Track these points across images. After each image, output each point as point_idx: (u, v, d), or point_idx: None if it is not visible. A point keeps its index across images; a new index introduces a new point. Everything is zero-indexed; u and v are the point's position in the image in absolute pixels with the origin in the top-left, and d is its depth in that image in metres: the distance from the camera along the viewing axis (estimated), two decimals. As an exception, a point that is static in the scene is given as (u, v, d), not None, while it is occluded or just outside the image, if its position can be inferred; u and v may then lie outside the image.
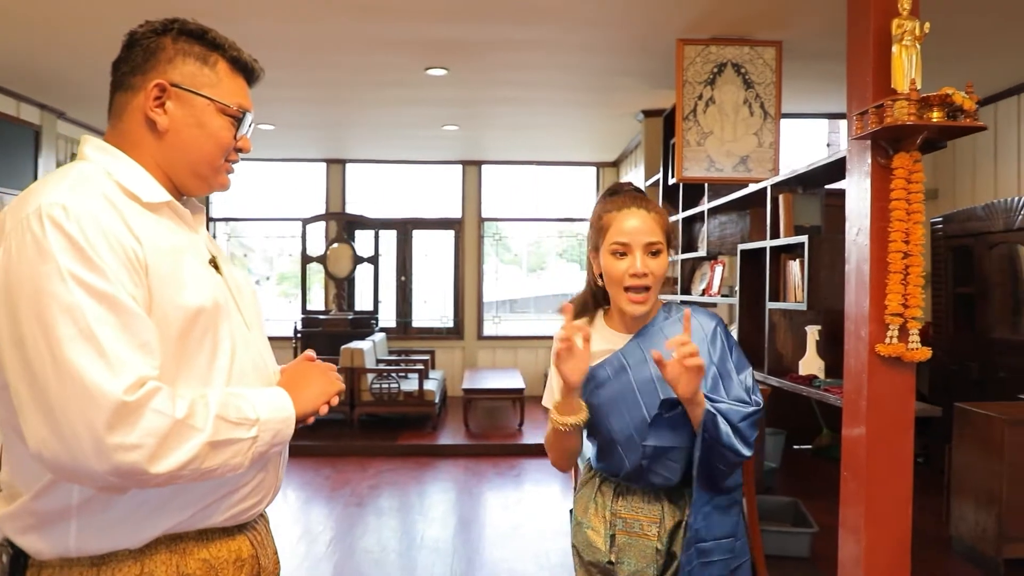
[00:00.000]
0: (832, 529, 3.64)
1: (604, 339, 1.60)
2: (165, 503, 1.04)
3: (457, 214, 8.30)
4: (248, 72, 1.21)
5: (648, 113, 5.91)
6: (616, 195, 1.61)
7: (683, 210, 4.89)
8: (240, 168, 1.26)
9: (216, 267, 1.18)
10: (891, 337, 2.27)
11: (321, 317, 7.52)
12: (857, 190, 2.40)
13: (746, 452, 1.46)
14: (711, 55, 4.14)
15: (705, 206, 4.34)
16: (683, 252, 4.88)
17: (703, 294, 4.39)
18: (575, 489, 1.78)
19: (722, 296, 4.07)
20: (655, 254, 1.52)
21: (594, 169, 8.37)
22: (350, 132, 6.82)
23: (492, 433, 6.46)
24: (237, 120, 1.18)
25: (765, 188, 3.35)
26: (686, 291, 4.82)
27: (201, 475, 0.99)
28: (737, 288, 3.69)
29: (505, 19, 3.93)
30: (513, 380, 6.95)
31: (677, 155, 4.18)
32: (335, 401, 1.22)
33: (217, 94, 1.15)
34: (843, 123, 6.74)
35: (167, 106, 1.12)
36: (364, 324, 7.47)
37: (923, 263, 2.27)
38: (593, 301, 1.66)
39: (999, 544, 3.37)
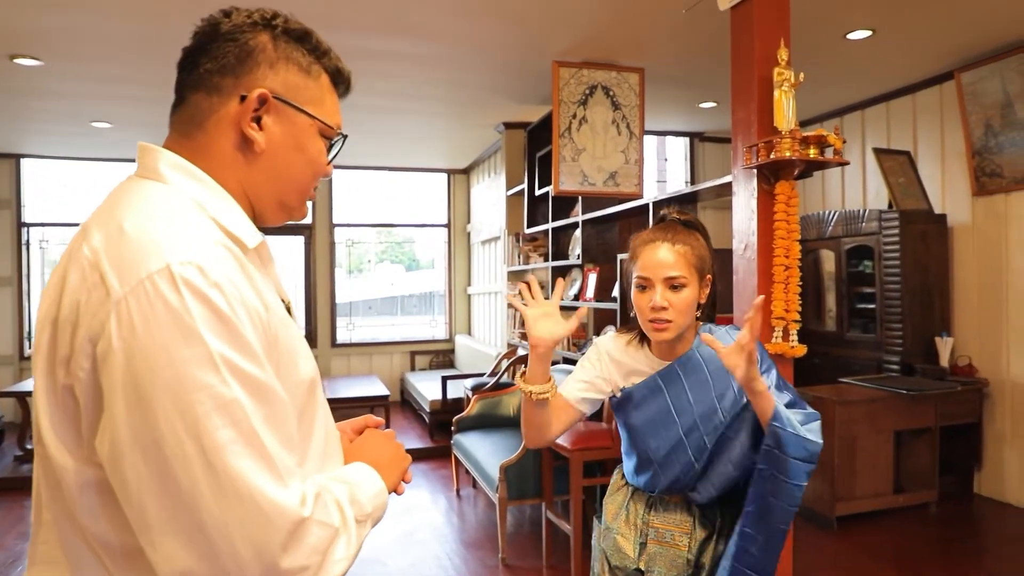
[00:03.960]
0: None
1: (646, 364, 1.65)
2: None
3: (307, 219, 8.06)
4: (346, 86, 1.05)
5: (509, 125, 6.16)
6: (652, 228, 1.65)
7: (553, 220, 5.20)
8: (60, 168, 0.94)
9: (289, 312, 0.97)
10: (777, 337, 2.67)
11: (162, 330, 6.97)
12: (744, 211, 2.78)
13: (816, 444, 1.42)
14: (583, 77, 4.47)
15: (580, 217, 4.67)
16: (553, 260, 5.19)
17: (576, 299, 4.72)
18: (600, 496, 1.82)
19: (597, 301, 4.41)
20: (676, 288, 1.54)
21: (445, 176, 8.53)
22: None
23: (359, 442, 6.40)
24: (330, 142, 1.02)
25: (647, 204, 3.73)
26: (557, 296, 5.13)
27: None
28: (617, 294, 4.04)
29: (386, 31, 3.97)
30: (375, 387, 6.92)
31: (554, 170, 4.46)
32: (409, 477, 1.07)
33: (321, 113, 0.98)
34: (670, 139, 7.45)
35: (263, 121, 0.93)
36: (210, 336, 7.03)
37: (799, 274, 2.69)
38: (640, 328, 1.66)
39: (832, 504, 4.01)
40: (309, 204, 1.04)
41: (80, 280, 0.79)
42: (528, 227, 5.72)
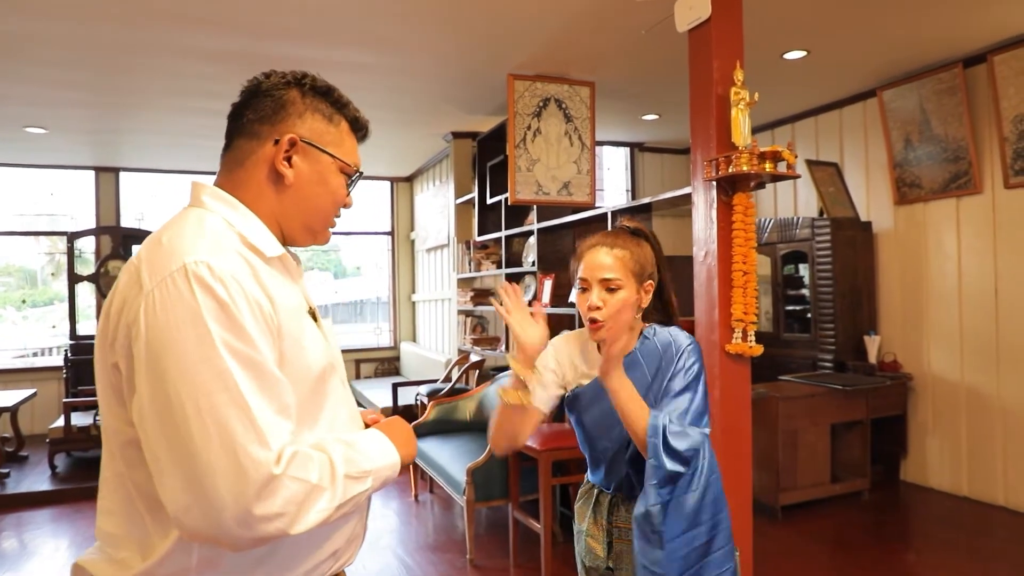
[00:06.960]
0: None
1: (593, 365, 1.71)
2: (281, 560, 1.05)
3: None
4: (363, 133, 1.24)
5: (457, 135, 6.24)
6: (598, 234, 1.72)
7: (505, 228, 5.31)
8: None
9: (314, 317, 1.16)
10: (736, 338, 2.86)
11: (96, 343, 6.73)
12: (704, 220, 2.97)
13: (668, 463, 1.48)
14: (537, 90, 4.61)
15: (535, 225, 4.80)
16: (507, 267, 5.31)
17: (530, 305, 4.83)
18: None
19: (552, 307, 4.54)
20: (612, 290, 1.62)
21: (388, 184, 8.53)
22: (129, 138, 6.21)
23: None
24: (349, 178, 1.20)
25: (606, 212, 3.89)
26: (511, 302, 5.24)
27: (325, 524, 1.02)
28: (575, 299, 4.17)
29: (350, 43, 4.02)
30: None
31: (510, 180, 4.58)
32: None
33: (340, 153, 1.16)
34: (611, 149, 7.70)
35: (293, 160, 1.12)
36: (148, 348, 6.84)
37: (756, 279, 2.89)
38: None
39: (776, 494, 4.27)
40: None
41: (126, 281, 1.00)
42: (479, 235, 5.81)
